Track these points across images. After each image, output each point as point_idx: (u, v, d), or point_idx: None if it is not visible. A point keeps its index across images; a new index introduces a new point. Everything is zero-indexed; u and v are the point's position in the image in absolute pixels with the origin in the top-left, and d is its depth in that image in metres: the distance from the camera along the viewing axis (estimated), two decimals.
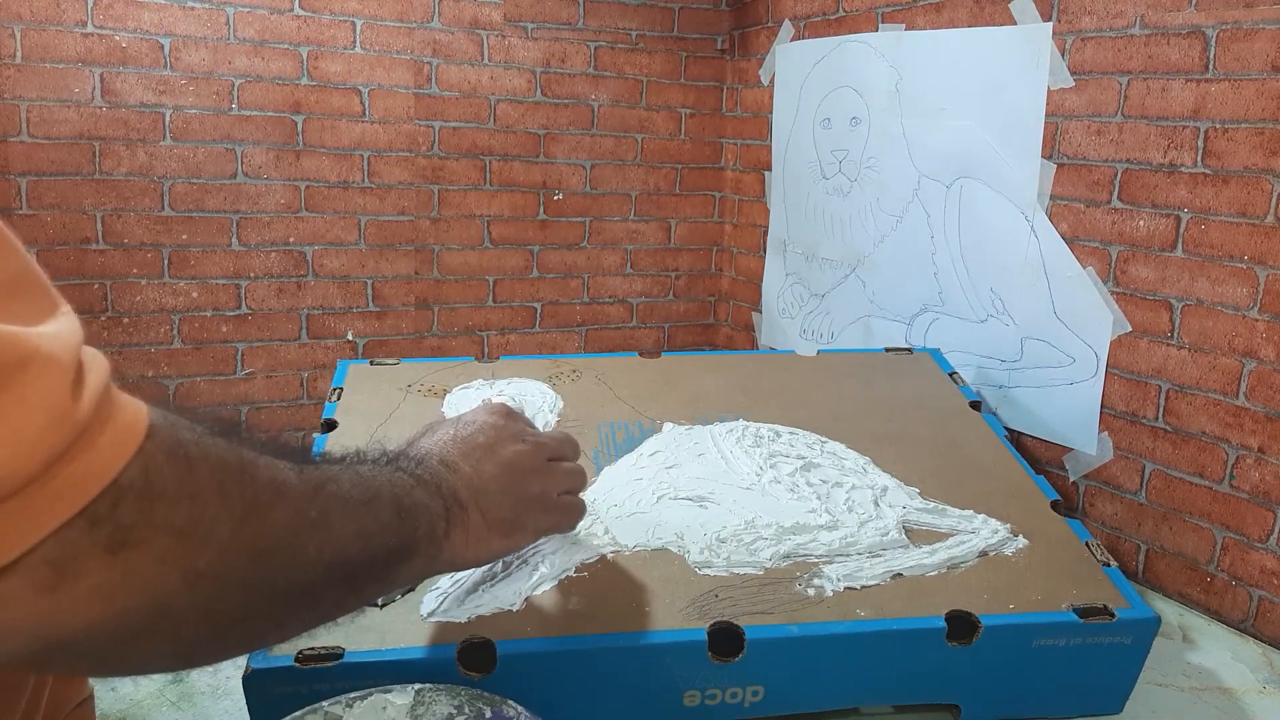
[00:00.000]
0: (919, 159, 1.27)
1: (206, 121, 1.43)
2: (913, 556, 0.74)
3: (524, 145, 1.63)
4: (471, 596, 0.67)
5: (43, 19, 1.33)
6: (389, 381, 0.99)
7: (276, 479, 0.43)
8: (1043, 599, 0.70)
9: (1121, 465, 1.04)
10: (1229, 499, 0.93)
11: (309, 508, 0.44)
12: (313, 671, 0.60)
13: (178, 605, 0.39)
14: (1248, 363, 0.91)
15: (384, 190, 1.55)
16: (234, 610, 0.41)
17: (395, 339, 1.61)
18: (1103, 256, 1.04)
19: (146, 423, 0.37)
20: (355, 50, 1.49)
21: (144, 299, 1.45)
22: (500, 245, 1.65)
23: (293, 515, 0.43)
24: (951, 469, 0.88)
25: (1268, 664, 0.84)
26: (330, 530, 0.45)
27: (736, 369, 1.08)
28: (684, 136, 1.74)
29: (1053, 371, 1.10)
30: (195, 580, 0.38)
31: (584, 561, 0.71)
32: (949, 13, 1.21)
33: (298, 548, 0.43)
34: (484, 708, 0.55)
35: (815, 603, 0.69)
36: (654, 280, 1.78)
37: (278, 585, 0.43)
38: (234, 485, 0.40)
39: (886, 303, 1.36)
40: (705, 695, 0.65)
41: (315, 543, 0.44)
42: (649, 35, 1.67)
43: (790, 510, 0.79)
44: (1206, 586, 0.96)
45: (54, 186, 1.38)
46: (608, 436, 0.91)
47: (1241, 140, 0.90)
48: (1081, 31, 1.03)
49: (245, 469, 0.41)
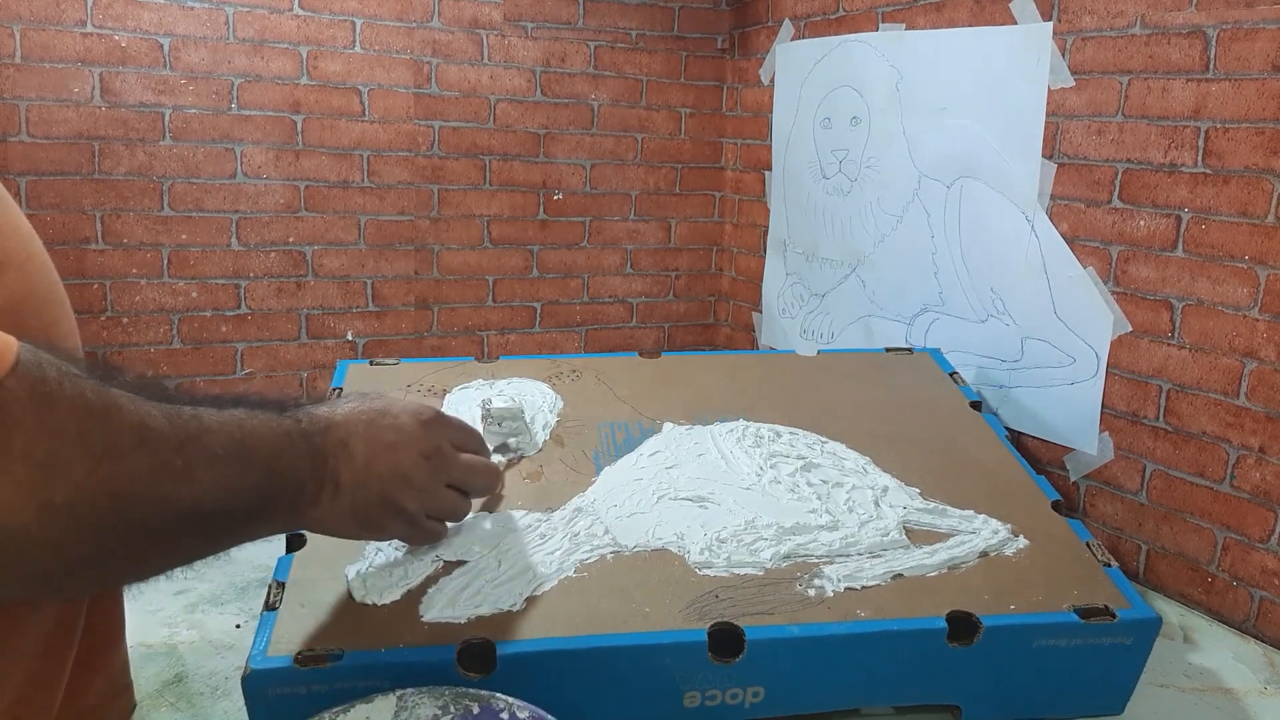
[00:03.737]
0: (919, 159, 1.27)
1: (206, 121, 1.43)
2: (913, 557, 0.74)
3: (524, 145, 1.63)
4: (471, 597, 0.67)
5: (42, 19, 1.33)
6: (389, 381, 0.99)
7: (144, 424, 0.45)
8: (1043, 599, 0.70)
9: (1122, 465, 1.04)
10: (1230, 499, 0.93)
11: (175, 457, 0.46)
12: (312, 672, 0.60)
13: (31, 535, 0.41)
14: (1248, 363, 0.91)
15: (384, 190, 1.55)
16: (87, 546, 0.43)
17: (395, 339, 1.61)
18: (1103, 256, 1.04)
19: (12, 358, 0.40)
20: (355, 50, 1.49)
21: (144, 299, 1.45)
22: (500, 245, 1.65)
23: (155, 462, 0.45)
24: (952, 469, 0.88)
25: (1269, 664, 0.84)
26: (193, 482, 0.47)
27: (736, 369, 1.08)
28: (684, 136, 1.74)
29: (1053, 371, 1.10)
30: (50, 513, 0.41)
31: (584, 561, 0.71)
32: (949, 12, 1.21)
33: (156, 494, 0.45)
34: (470, 704, 0.55)
35: (815, 603, 0.69)
36: (654, 280, 1.78)
37: (133, 527, 0.45)
38: (96, 427, 0.42)
39: (886, 303, 1.36)
40: (705, 696, 0.65)
41: (175, 491, 0.46)
42: (649, 35, 1.67)
43: (790, 510, 0.79)
44: (1207, 587, 0.96)
45: (54, 186, 1.38)
46: (608, 436, 0.91)
47: (1242, 140, 0.90)
48: (1082, 31, 1.03)
49: (110, 412, 0.43)
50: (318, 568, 0.70)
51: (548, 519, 0.77)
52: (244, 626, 0.82)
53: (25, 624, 0.53)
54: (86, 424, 0.42)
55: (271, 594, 0.67)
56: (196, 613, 0.84)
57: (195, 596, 0.86)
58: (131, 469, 0.44)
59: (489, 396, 0.91)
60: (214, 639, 0.80)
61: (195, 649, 0.78)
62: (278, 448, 0.53)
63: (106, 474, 0.43)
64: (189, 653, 0.77)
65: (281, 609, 0.65)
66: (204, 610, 0.84)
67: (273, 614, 0.65)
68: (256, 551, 0.94)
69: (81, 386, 0.43)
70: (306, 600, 0.66)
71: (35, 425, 0.40)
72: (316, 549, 0.72)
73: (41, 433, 0.40)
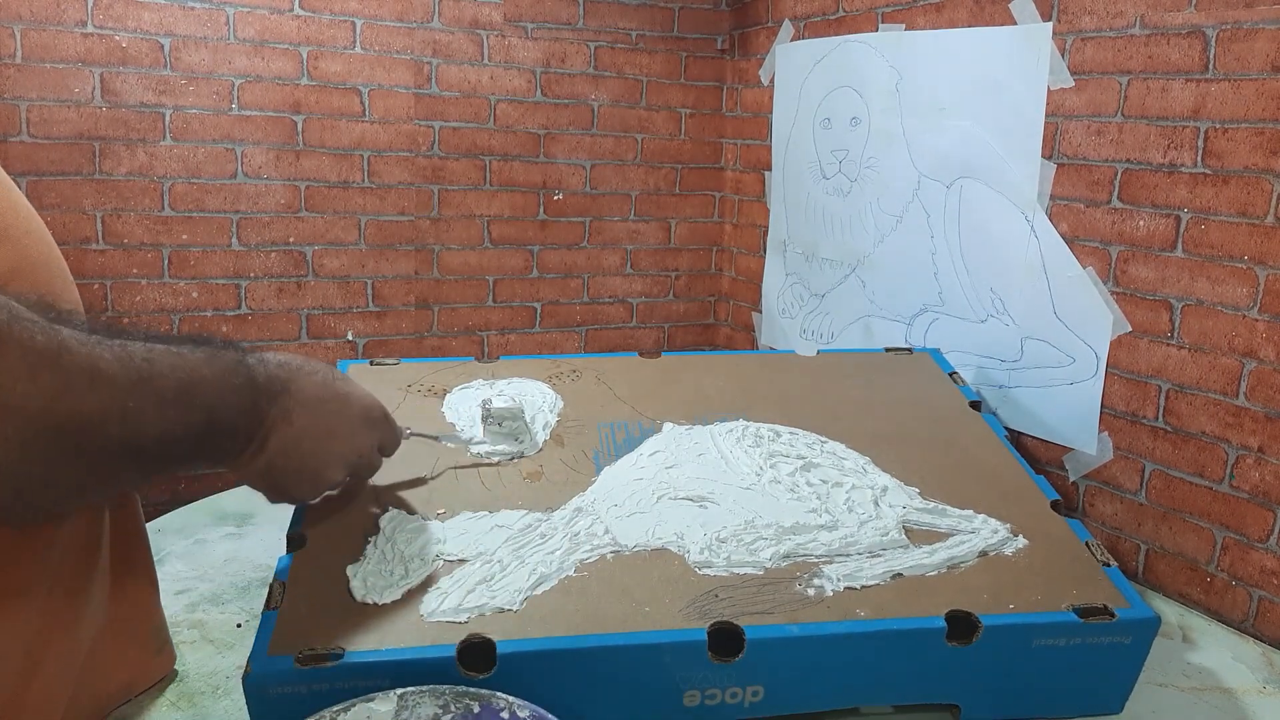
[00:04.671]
0: (919, 159, 1.27)
1: (206, 121, 1.43)
2: (913, 556, 0.74)
3: (524, 145, 1.63)
4: (471, 596, 0.67)
5: (43, 19, 1.33)
6: (389, 382, 0.99)
7: (95, 367, 0.48)
8: (1043, 599, 0.70)
9: (1121, 465, 1.04)
10: (1229, 499, 0.93)
11: (126, 398, 0.49)
12: (313, 672, 0.60)
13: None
14: (1248, 363, 0.91)
15: (384, 190, 1.55)
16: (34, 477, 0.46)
17: (395, 339, 1.61)
18: (1103, 256, 1.04)
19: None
20: (355, 50, 1.49)
21: (144, 299, 1.45)
22: (500, 245, 1.65)
23: (107, 403, 0.48)
24: (951, 469, 0.88)
25: (1268, 664, 0.84)
26: (140, 422, 0.50)
27: (736, 369, 1.08)
28: (684, 136, 1.74)
29: (1053, 371, 1.10)
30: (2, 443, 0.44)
31: (584, 561, 0.72)
32: (949, 13, 1.21)
33: (105, 433, 0.48)
34: (471, 703, 0.55)
35: (815, 603, 0.69)
36: (654, 280, 1.78)
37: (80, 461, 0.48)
38: (46, 368, 0.45)
39: (886, 303, 1.36)
40: (705, 695, 0.66)
41: (121, 431, 0.49)
42: (649, 35, 1.67)
43: (790, 510, 0.79)
44: (1206, 586, 0.96)
45: (54, 186, 1.38)
46: (608, 436, 0.91)
47: (1241, 140, 0.90)
48: (1081, 31, 1.03)
49: (60, 354, 0.46)
50: (318, 567, 0.70)
51: (548, 519, 0.77)
52: (245, 626, 0.82)
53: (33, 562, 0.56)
54: (36, 364, 0.45)
55: (273, 593, 0.67)
56: (197, 612, 0.84)
57: (196, 596, 0.87)
58: (82, 408, 0.47)
59: (489, 396, 0.91)
60: (214, 638, 0.80)
61: (196, 648, 0.78)
62: (223, 399, 0.57)
63: (59, 411, 0.46)
64: (189, 652, 0.77)
65: (282, 608, 0.65)
66: (204, 609, 0.84)
67: (274, 613, 0.65)
68: (257, 551, 0.95)
69: (31, 330, 0.45)
70: (307, 600, 0.66)
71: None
72: (317, 549, 0.72)
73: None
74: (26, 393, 0.44)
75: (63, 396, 0.46)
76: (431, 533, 0.74)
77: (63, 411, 0.46)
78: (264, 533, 0.99)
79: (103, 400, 0.48)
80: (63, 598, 0.58)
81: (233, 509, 1.04)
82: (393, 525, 0.74)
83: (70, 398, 0.46)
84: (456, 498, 0.79)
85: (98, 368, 0.48)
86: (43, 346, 0.45)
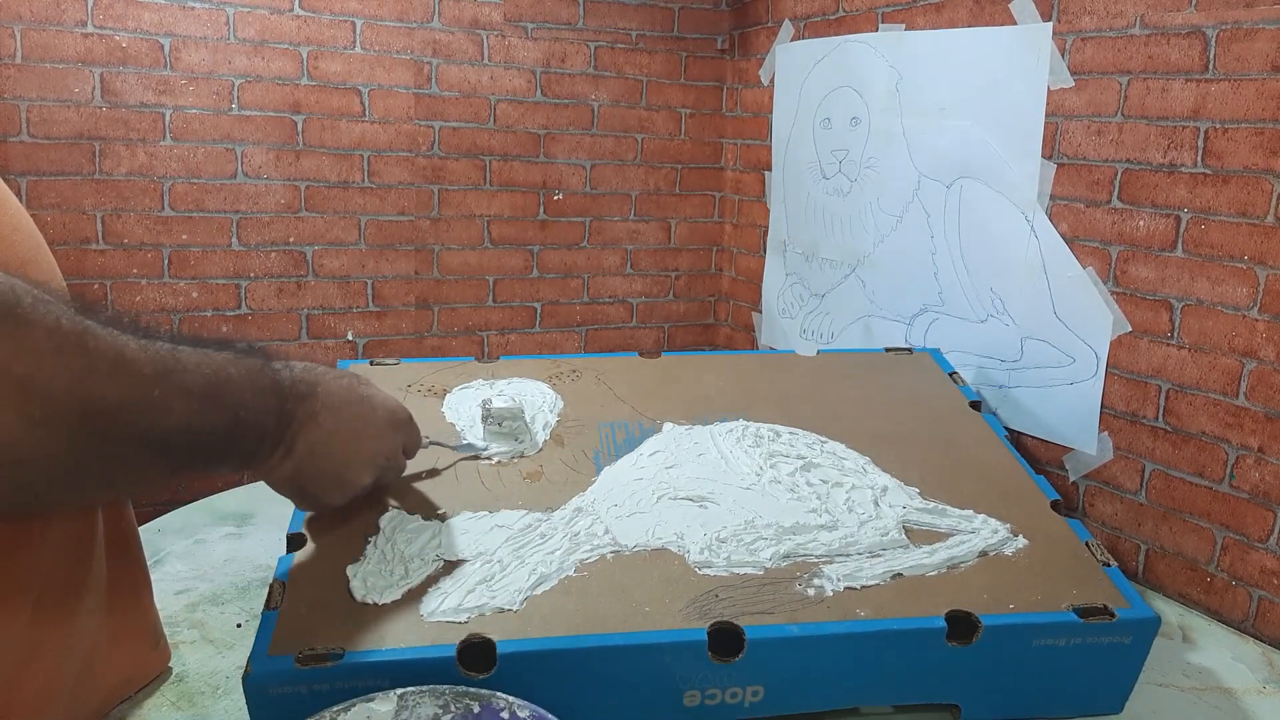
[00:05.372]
0: (919, 159, 1.27)
1: (206, 121, 1.43)
2: (913, 556, 0.74)
3: (524, 145, 1.63)
4: (471, 596, 0.67)
5: (43, 19, 1.33)
6: (389, 382, 0.99)
7: (121, 354, 0.48)
8: (1042, 599, 0.70)
9: (1121, 465, 1.04)
10: (1229, 499, 0.93)
11: (152, 388, 0.49)
12: (313, 672, 0.60)
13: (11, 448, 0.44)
14: (1248, 363, 0.91)
15: (384, 190, 1.55)
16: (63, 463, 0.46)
17: (395, 339, 1.61)
18: (1103, 256, 1.04)
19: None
20: (355, 50, 1.49)
21: (144, 299, 1.45)
22: (500, 245, 1.65)
23: (132, 390, 0.48)
24: (951, 469, 0.88)
25: (1268, 664, 0.84)
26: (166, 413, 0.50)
27: (736, 369, 1.08)
28: (684, 136, 1.74)
29: (1053, 371, 1.10)
30: (29, 426, 0.43)
31: (584, 561, 0.72)
32: (949, 13, 1.21)
33: (130, 421, 0.48)
34: (471, 703, 0.55)
35: (815, 603, 0.69)
36: (654, 280, 1.78)
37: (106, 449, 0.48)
38: (72, 350, 0.45)
39: (886, 303, 1.36)
40: (705, 695, 0.66)
41: (147, 420, 0.49)
42: (649, 35, 1.67)
43: (790, 510, 0.79)
44: (1206, 586, 0.96)
45: (54, 186, 1.38)
46: (608, 436, 0.91)
47: (1241, 140, 0.90)
48: (1081, 31, 1.03)
49: (85, 338, 0.46)
50: (319, 567, 0.70)
51: (548, 519, 0.77)
52: (245, 626, 0.82)
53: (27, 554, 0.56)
54: (63, 345, 0.45)
55: (273, 593, 0.67)
56: (197, 612, 0.84)
57: (196, 596, 0.87)
58: (107, 393, 0.47)
59: (489, 396, 0.91)
60: (215, 638, 0.80)
61: (196, 648, 0.78)
62: (250, 399, 0.57)
63: (83, 394, 0.45)
64: (189, 652, 0.77)
65: (282, 608, 0.65)
66: (204, 609, 0.84)
67: (274, 613, 0.65)
68: (257, 551, 0.95)
69: (56, 312, 0.45)
70: (307, 600, 0.66)
71: (12, 344, 0.42)
72: (318, 549, 0.72)
73: (19, 351, 0.43)
74: (52, 374, 0.44)
75: (87, 379, 0.45)
76: (431, 533, 0.74)
77: (88, 395, 0.45)
78: (264, 533, 0.99)
79: (128, 387, 0.48)
80: (58, 593, 0.58)
81: (233, 509, 1.04)
82: (393, 525, 0.74)
83: (95, 381, 0.46)
84: (456, 498, 0.80)
85: (123, 354, 0.48)
86: (68, 329, 0.45)
